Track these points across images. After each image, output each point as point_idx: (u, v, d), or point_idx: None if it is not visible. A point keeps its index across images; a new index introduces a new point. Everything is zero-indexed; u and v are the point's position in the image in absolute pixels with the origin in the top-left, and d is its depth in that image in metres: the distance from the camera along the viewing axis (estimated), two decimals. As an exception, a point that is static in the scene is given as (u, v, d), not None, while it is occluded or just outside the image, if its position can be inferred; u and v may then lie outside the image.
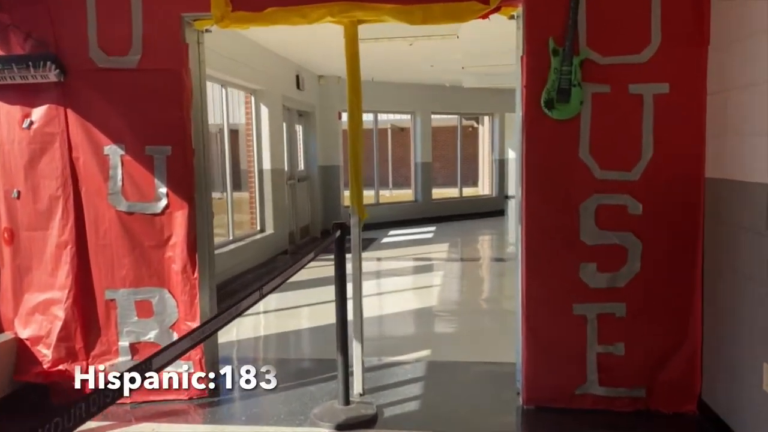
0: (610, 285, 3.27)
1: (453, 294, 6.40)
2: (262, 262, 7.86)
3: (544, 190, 3.29)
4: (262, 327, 5.41)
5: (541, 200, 3.30)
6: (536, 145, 3.28)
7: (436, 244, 9.99)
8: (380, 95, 11.80)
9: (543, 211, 3.30)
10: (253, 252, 7.69)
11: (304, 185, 10.50)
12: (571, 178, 3.26)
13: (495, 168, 14.06)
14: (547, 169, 3.28)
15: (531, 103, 3.26)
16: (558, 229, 3.29)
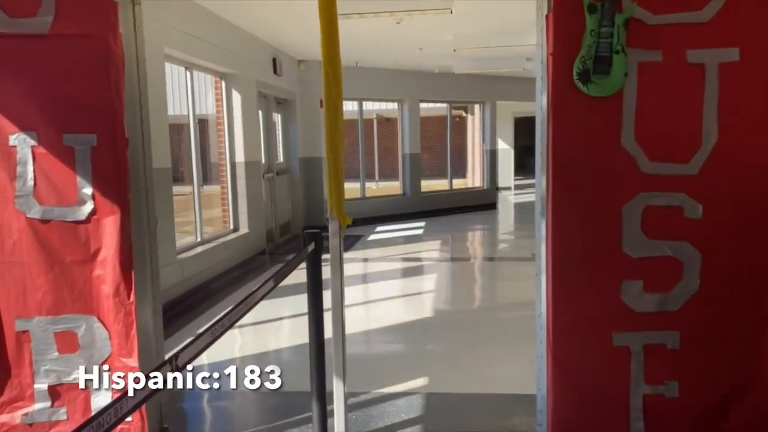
0: (661, 308, 2.57)
1: (448, 302, 5.69)
2: (235, 265, 7.10)
3: (575, 188, 2.57)
4: (237, 347, 4.66)
5: (572, 201, 2.58)
6: (566, 131, 2.55)
7: (426, 242, 9.29)
8: (365, 82, 11.03)
9: (574, 215, 2.58)
10: (226, 254, 6.92)
11: (284, 179, 9.73)
12: (612, 173, 2.54)
13: (486, 159, 13.37)
14: (579, 162, 2.56)
15: (559, 75, 2.52)
16: (594, 238, 2.58)
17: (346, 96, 10.74)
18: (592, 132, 2.54)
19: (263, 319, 5.04)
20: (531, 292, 5.67)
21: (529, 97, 13.04)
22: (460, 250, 8.66)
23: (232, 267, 7.00)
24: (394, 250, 8.49)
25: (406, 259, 7.77)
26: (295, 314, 5.00)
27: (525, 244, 8.79)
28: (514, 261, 7.37)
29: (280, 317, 5.14)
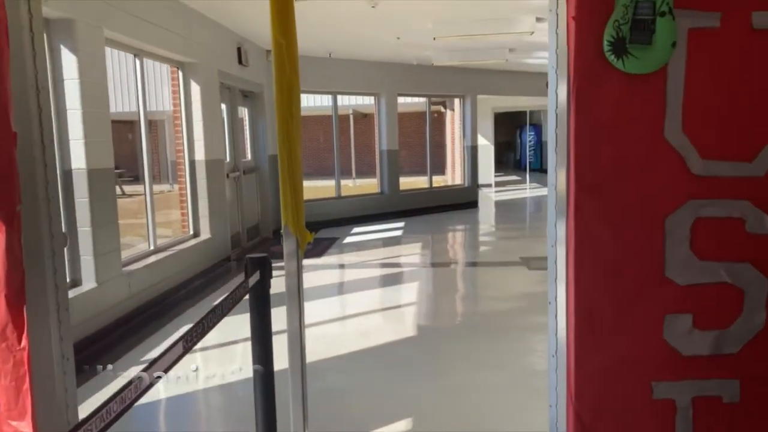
0: (715, 351, 1.99)
1: (431, 317, 5.09)
2: (196, 274, 6.40)
3: (605, 195, 1.97)
4: (185, 380, 3.96)
5: (601, 212, 1.98)
6: (593, 120, 1.95)
7: (405, 245, 8.67)
8: (339, 74, 10.37)
9: (603, 229, 1.98)
10: (185, 262, 6.22)
11: (252, 178, 9.03)
12: (652, 175, 1.95)
13: (466, 156, 12.81)
14: (610, 161, 1.96)
15: (584, 47, 1.92)
16: (629, 260, 1.99)
17: (319, 89, 10.02)
18: (626, 121, 1.94)
19: (217, 342, 4.37)
20: (522, 304, 5.06)
21: (510, 90, 12.48)
22: (442, 254, 8.08)
23: (191, 277, 6.31)
24: (372, 255, 7.87)
25: (384, 265, 7.15)
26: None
27: (509, 246, 8.24)
28: (500, 266, 6.81)
29: (234, 340, 4.46)
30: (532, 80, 13.86)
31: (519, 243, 8.58)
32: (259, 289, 2.05)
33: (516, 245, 8.31)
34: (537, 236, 9.49)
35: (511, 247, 8.16)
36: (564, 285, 2.09)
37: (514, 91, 13.80)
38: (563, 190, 2.05)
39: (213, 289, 6.15)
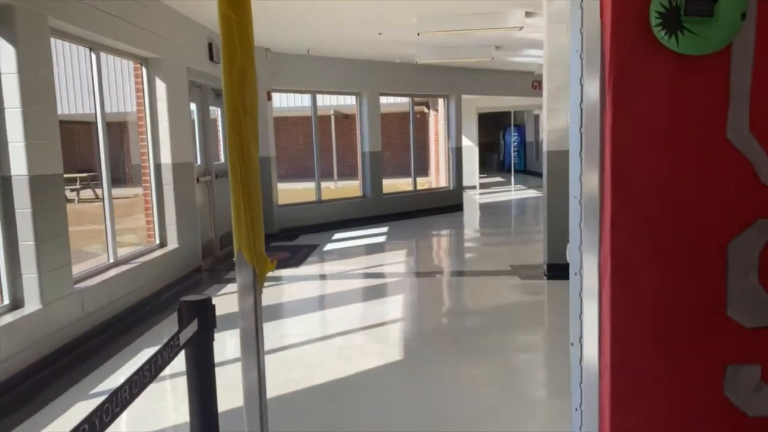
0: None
1: (419, 337, 4.63)
2: (162, 288, 5.89)
3: (651, 212, 1.54)
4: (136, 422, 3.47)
5: (645, 233, 1.55)
6: (636, 116, 1.52)
7: (389, 252, 8.22)
8: (319, 73, 9.90)
9: (647, 255, 1.56)
10: (149, 276, 5.70)
11: (226, 182, 8.48)
12: (711, 186, 1.52)
13: (451, 157, 12.40)
14: (658, 168, 1.53)
15: (626, 22, 1.49)
16: (680, 294, 1.56)
17: (297, 88, 9.46)
18: (679, 118, 1.51)
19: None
20: (518, 319, 4.63)
21: (495, 90, 12.07)
22: (427, 262, 7.63)
23: (157, 291, 5.79)
24: (354, 264, 7.40)
25: (367, 275, 6.68)
26: (220, 361, 3.86)
27: (497, 253, 7.83)
28: (490, 276, 6.39)
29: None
30: (517, 79, 13.51)
31: (507, 249, 8.17)
32: (199, 345, 1.56)
33: (504, 252, 7.90)
34: (525, 242, 9.11)
35: (499, 253, 7.75)
36: (595, 325, 1.66)
37: (499, 91, 13.43)
38: (593, 203, 1.61)
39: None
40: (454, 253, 8.35)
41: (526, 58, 11.23)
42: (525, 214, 12.72)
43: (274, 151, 9.29)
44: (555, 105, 6.04)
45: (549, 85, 6.04)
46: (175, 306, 5.23)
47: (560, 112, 6.03)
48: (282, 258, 7.67)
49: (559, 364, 3.92)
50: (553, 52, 6.00)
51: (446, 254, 8.33)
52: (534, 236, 9.29)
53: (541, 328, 4.84)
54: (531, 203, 14.08)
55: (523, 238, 9.57)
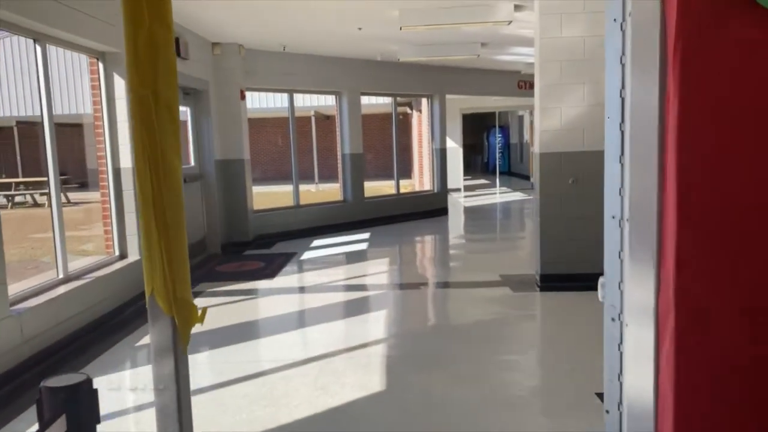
0: None
1: (404, 363, 4.16)
2: (121, 305, 5.35)
3: (734, 245, 1.07)
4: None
5: (723, 277, 1.08)
6: (710, 100, 1.05)
7: (371, 260, 7.75)
8: (295, 71, 9.39)
9: (729, 305, 1.09)
10: (106, 292, 5.17)
11: (196, 186, 7.98)
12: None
13: (435, 159, 11.96)
14: (746, 184, 1.06)
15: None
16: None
17: (273, 86, 8.84)
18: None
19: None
20: (510, 342, 4.18)
21: (480, 90, 11.63)
22: (412, 272, 7.16)
23: (115, 309, 5.26)
24: (333, 274, 6.91)
25: (347, 287, 6.20)
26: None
27: (486, 261, 7.40)
28: (479, 287, 5.94)
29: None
30: (503, 79, 13.13)
31: (496, 257, 7.74)
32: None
33: (493, 260, 7.46)
34: (514, 248, 8.71)
35: (487, 262, 7.31)
36: (646, 390, 1.21)
37: (484, 91, 13.05)
38: (645, 226, 1.15)
39: (141, 322, 5.11)
40: (439, 262, 7.89)
41: (513, 57, 10.84)
42: (512, 219, 12.34)
43: (248, 153, 8.77)
44: (548, 104, 5.62)
45: (541, 83, 5.61)
46: (134, 326, 4.68)
47: (553, 112, 5.61)
48: (256, 268, 7.15)
49: (559, 390, 3.47)
50: (545, 47, 5.57)
51: (431, 263, 7.87)
52: (523, 242, 8.94)
53: (538, 349, 4.41)
54: (517, 207, 13.72)
55: (512, 245, 9.17)
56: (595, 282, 1.66)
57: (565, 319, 4.81)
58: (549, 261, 5.76)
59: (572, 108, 5.60)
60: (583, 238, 5.71)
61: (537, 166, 5.77)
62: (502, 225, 11.55)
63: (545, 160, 5.68)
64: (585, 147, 5.62)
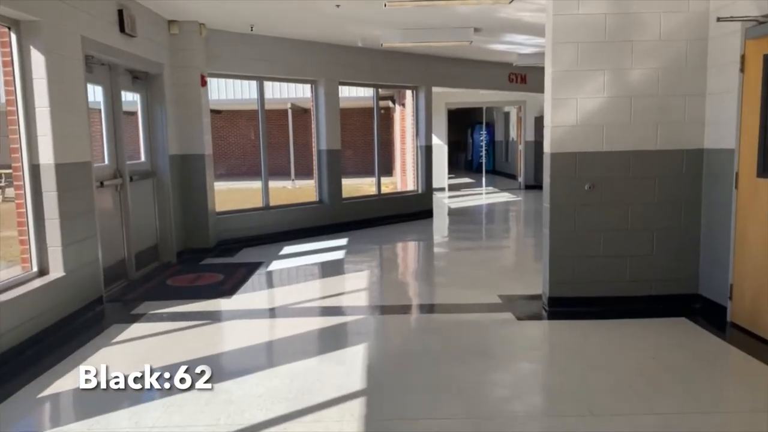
0: None
1: (395, 425, 3.19)
2: (36, 333, 4.30)
3: None
4: None
5: None
6: None
7: (348, 274, 6.75)
8: (266, 55, 8.36)
9: None
10: (18, 317, 4.12)
11: (147, 185, 6.92)
12: None
13: (420, 157, 11.01)
14: None
15: None
16: None
17: (240, 73, 7.55)
18: None
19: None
20: (528, 400, 3.18)
21: (469, 82, 10.50)
22: (395, 290, 6.13)
23: (29, 338, 4.21)
24: (302, 292, 5.91)
25: (317, 310, 5.19)
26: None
27: (480, 277, 6.44)
28: (476, 312, 4.99)
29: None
30: (493, 71, 12.22)
31: (492, 271, 6.76)
32: None
33: (489, 275, 6.49)
34: (512, 261, 7.76)
35: (483, 277, 6.34)
36: None
37: (473, 84, 12.12)
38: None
39: (63, 354, 4.08)
40: (427, 277, 6.87)
41: (507, 46, 9.92)
42: (504, 223, 11.43)
43: (209, 147, 7.72)
44: (561, 93, 4.68)
45: (553, 68, 4.68)
46: (55, 358, 3.54)
47: (567, 104, 4.68)
48: (213, 282, 6.13)
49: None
50: (560, 26, 4.64)
51: (418, 278, 6.85)
52: (521, 253, 8.00)
53: (565, 412, 3.47)
54: (507, 209, 12.84)
55: (508, 255, 8.22)
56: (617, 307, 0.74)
57: (593, 362, 3.85)
58: (559, 281, 4.84)
59: (590, 99, 4.68)
60: (600, 255, 4.81)
61: (547, 169, 4.84)
62: (493, 230, 10.62)
63: (557, 162, 4.75)
64: (605, 146, 4.71)
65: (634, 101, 4.66)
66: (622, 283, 4.84)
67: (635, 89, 4.65)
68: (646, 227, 4.78)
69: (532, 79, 13.13)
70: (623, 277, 4.83)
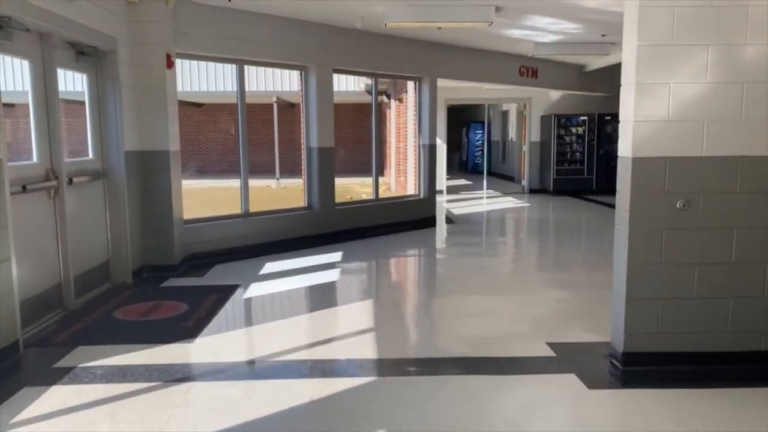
0: None
1: None
2: None
3: None
4: None
5: None
6: None
7: (345, 306, 5.40)
8: (247, 34, 7.02)
9: None
10: None
11: (96, 188, 5.56)
12: None
13: (423, 157, 9.71)
14: None
15: None
16: None
17: (215, 54, 5.77)
18: None
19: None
20: None
21: (477, 75, 7.66)
22: (407, 334, 4.64)
23: None
24: (287, 334, 4.54)
25: (308, 369, 3.82)
26: None
27: (515, 312, 5.12)
28: (522, 374, 3.69)
29: None
30: (505, 64, 10.99)
31: (526, 304, 5.28)
32: None
33: (525, 309, 5.07)
34: (548, 288, 6.00)
35: (519, 314, 4.96)
36: None
37: (482, 77, 10.85)
38: None
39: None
40: (445, 312, 5.21)
41: (526, 32, 8.67)
42: (524, 236, 10.07)
43: (177, 143, 6.37)
44: (648, 76, 3.41)
45: (639, 41, 3.40)
46: None
47: (657, 91, 3.41)
48: (173, 315, 4.78)
49: None
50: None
51: (434, 313, 5.35)
52: (559, 279, 6.31)
53: None
54: (520, 217, 11.55)
55: (544, 282, 6.35)
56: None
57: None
58: (638, 331, 3.58)
59: (687, 85, 3.42)
60: (693, 297, 3.55)
61: (624, 179, 3.56)
62: (514, 245, 9.24)
63: (640, 170, 3.47)
64: (705, 150, 3.45)
65: (747, 89, 3.40)
66: (721, 335, 3.59)
67: (750, 73, 3.40)
68: (756, 259, 3.53)
69: (543, 73, 11.94)
70: (723, 327, 3.58)
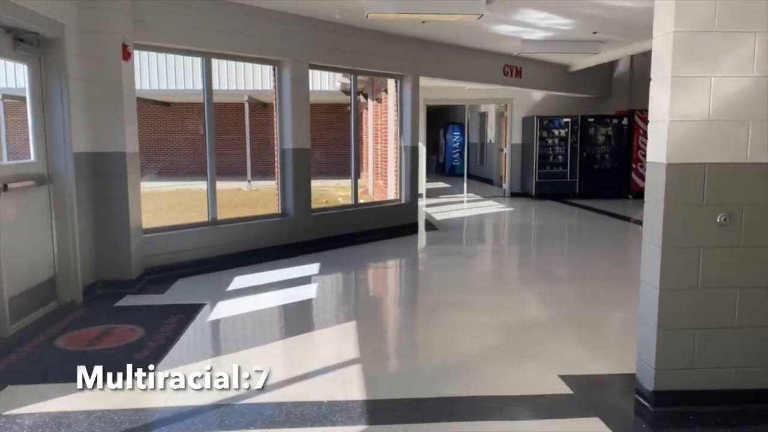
0: None
1: None
2: None
3: None
4: None
5: None
6: None
7: (324, 330, 4.77)
8: (214, 25, 6.37)
9: None
10: None
11: (38, 195, 4.86)
12: None
13: (405, 160, 9.16)
14: None
15: None
16: None
17: (178, 46, 5.19)
18: None
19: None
20: None
21: (460, 73, 6.52)
22: (397, 365, 4.07)
23: None
24: (255, 363, 3.93)
25: (283, 415, 3.20)
26: None
27: (519, 339, 4.56)
28: (536, 419, 3.17)
29: None
30: (489, 62, 10.52)
31: (530, 326, 4.67)
32: None
33: (530, 335, 4.49)
34: (553, 308, 5.38)
35: (524, 341, 4.39)
36: None
37: (466, 75, 10.36)
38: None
39: None
40: (437, 336, 4.46)
41: (514, 28, 8.19)
42: (514, 244, 9.55)
43: (135, 144, 5.69)
44: (686, 69, 2.91)
45: (676, 27, 2.90)
46: None
47: (697, 86, 2.91)
48: (126, 343, 4.13)
49: None
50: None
51: (425, 337, 4.73)
52: (565, 295, 5.73)
53: None
54: (503, 223, 11.06)
55: (548, 300, 5.60)
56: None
57: None
58: (673, 367, 3.07)
59: (730, 80, 2.92)
60: (733, 326, 3.06)
61: (657, 188, 3.05)
62: (505, 256, 8.69)
63: (675, 179, 2.96)
64: (750, 155, 2.96)
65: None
66: (765, 370, 3.10)
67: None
68: (806, 283, 3.06)
69: (527, 72, 11.51)
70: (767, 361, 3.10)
